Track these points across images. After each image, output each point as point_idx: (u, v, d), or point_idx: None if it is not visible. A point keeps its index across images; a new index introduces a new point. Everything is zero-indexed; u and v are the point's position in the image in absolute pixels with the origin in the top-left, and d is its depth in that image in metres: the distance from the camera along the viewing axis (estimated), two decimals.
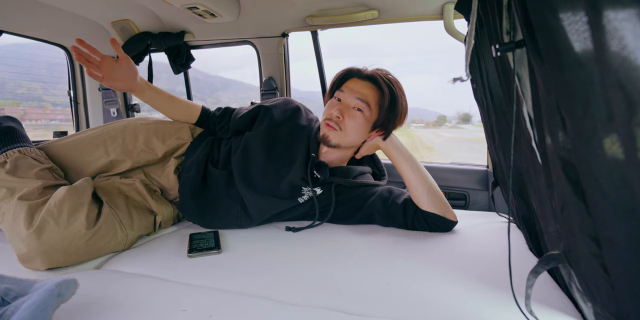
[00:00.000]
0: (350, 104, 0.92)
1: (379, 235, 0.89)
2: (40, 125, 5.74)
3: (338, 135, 0.92)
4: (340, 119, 0.91)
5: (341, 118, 0.91)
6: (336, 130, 0.91)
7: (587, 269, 0.42)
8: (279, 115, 1.02)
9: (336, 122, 0.91)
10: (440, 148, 12.40)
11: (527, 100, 0.50)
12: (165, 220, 0.94)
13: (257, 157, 0.95)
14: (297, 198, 0.95)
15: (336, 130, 0.91)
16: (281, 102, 1.06)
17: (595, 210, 0.37)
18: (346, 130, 0.91)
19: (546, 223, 0.57)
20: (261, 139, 0.96)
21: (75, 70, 1.84)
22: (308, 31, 1.51)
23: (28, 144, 0.89)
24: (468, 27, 0.64)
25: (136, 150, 0.96)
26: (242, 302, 0.57)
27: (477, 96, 0.88)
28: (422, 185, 0.90)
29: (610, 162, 0.32)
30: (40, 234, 0.71)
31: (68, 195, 0.76)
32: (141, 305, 0.56)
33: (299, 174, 0.92)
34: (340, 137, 0.92)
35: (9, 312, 0.44)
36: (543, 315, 0.52)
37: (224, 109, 1.09)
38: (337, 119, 0.91)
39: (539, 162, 0.51)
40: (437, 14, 1.27)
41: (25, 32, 1.51)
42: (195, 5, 1.28)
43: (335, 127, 0.91)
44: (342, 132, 0.91)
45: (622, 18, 0.27)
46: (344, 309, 0.55)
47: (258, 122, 1.01)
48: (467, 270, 0.69)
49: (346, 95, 0.93)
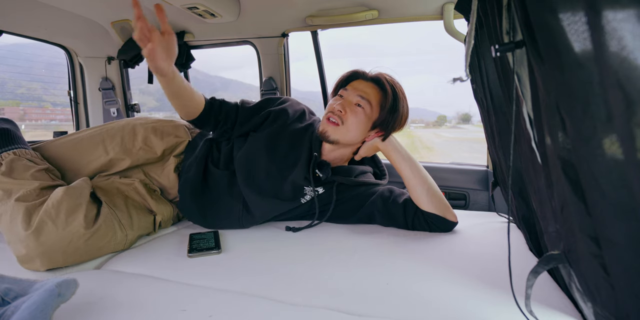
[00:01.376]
0: (352, 100, 0.93)
1: (379, 235, 0.89)
2: (40, 125, 5.74)
3: (338, 131, 0.92)
4: (343, 112, 0.92)
5: (343, 112, 0.92)
6: (337, 124, 0.92)
7: (587, 269, 0.42)
8: (290, 116, 1.02)
9: (338, 115, 0.92)
10: (440, 148, 12.40)
11: (526, 101, 0.51)
12: (165, 220, 0.94)
13: (260, 158, 0.95)
14: (299, 199, 0.95)
15: (337, 125, 0.92)
16: (290, 104, 1.05)
17: (595, 210, 0.37)
18: (347, 125, 0.92)
19: (546, 223, 0.57)
20: (265, 140, 0.96)
21: (75, 70, 1.84)
22: (308, 31, 1.51)
23: (23, 146, 0.88)
24: (468, 27, 0.64)
25: (135, 149, 0.96)
26: (242, 302, 0.57)
27: (477, 96, 0.88)
28: (422, 186, 0.90)
29: (610, 162, 0.32)
30: (39, 235, 0.70)
31: (66, 196, 0.76)
32: (141, 305, 0.56)
33: (302, 173, 0.92)
34: (341, 132, 0.92)
35: (9, 312, 0.44)
36: (543, 315, 0.52)
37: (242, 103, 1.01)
38: (339, 113, 0.92)
39: (539, 162, 0.51)
40: (437, 14, 1.27)
41: (25, 32, 1.51)
42: (195, 5, 1.28)
43: (337, 120, 0.92)
44: (343, 126, 0.92)
45: (622, 18, 0.27)
46: (344, 309, 0.55)
47: (267, 124, 1.00)
48: (467, 270, 0.69)
49: (349, 92, 0.95)
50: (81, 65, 1.82)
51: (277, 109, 1.02)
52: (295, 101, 1.10)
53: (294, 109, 1.04)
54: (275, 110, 1.02)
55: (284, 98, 1.09)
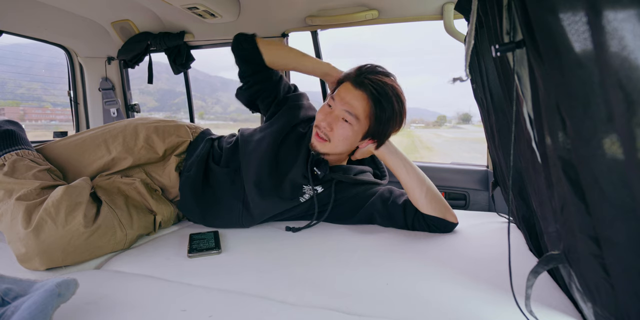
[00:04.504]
0: (339, 115, 0.89)
1: (379, 235, 0.89)
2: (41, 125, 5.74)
3: (326, 146, 0.92)
4: (329, 129, 0.90)
5: (329, 129, 0.90)
6: (325, 141, 0.91)
7: (587, 269, 0.42)
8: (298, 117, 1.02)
9: (325, 133, 0.91)
10: (440, 148, 12.40)
11: (527, 101, 0.50)
12: (165, 220, 0.94)
13: (265, 157, 0.95)
14: (298, 198, 0.95)
15: (325, 141, 0.91)
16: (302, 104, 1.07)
17: (595, 210, 0.37)
18: (334, 142, 0.91)
19: (546, 223, 0.57)
20: (271, 138, 0.97)
21: (75, 70, 1.84)
22: (308, 31, 1.51)
23: (27, 147, 0.89)
24: (468, 27, 0.64)
25: (137, 148, 0.96)
26: (242, 302, 0.57)
27: (477, 96, 0.88)
28: (419, 188, 0.90)
29: (610, 162, 0.32)
30: (39, 233, 0.71)
31: (65, 195, 0.76)
32: (141, 305, 0.56)
33: (300, 171, 0.93)
34: (329, 147, 0.92)
35: (9, 312, 0.44)
36: (543, 315, 0.52)
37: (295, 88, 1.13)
38: (325, 130, 0.90)
39: (539, 162, 0.51)
40: (437, 14, 1.27)
41: (26, 32, 1.51)
42: (195, 6, 1.28)
43: (325, 138, 0.91)
44: (330, 143, 0.91)
45: (622, 18, 0.27)
46: (344, 309, 0.55)
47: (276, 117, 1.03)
48: (467, 270, 0.69)
49: (337, 104, 0.90)
50: (81, 65, 1.82)
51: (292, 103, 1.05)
52: (310, 106, 1.10)
53: (305, 114, 1.05)
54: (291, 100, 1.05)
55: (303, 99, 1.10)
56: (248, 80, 1.05)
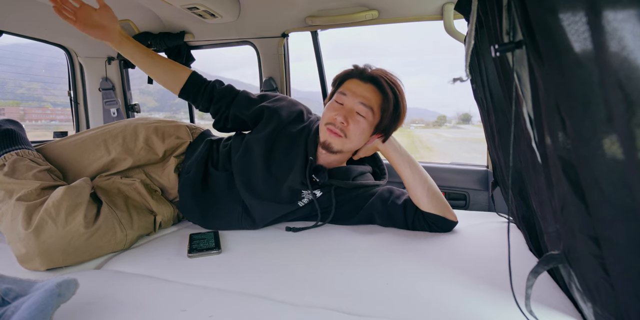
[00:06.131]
0: (353, 108, 0.89)
1: (379, 235, 0.89)
2: (41, 125, 5.74)
3: (341, 142, 0.90)
4: (345, 124, 0.88)
5: (346, 124, 0.88)
6: (340, 136, 0.89)
7: (587, 269, 0.42)
8: (284, 118, 0.98)
9: (341, 128, 0.88)
10: (440, 148, 12.41)
11: (527, 101, 0.50)
12: (165, 220, 0.94)
13: (257, 162, 0.94)
14: (297, 202, 0.95)
15: (340, 137, 0.89)
16: (286, 104, 1.02)
17: (595, 210, 0.37)
18: (350, 137, 0.89)
19: (546, 223, 0.57)
20: (262, 144, 0.94)
21: (75, 70, 1.84)
22: (308, 31, 1.51)
23: (27, 147, 0.89)
24: (468, 27, 0.64)
25: (137, 148, 0.96)
26: (242, 302, 0.57)
27: (477, 96, 0.88)
28: (422, 186, 0.90)
29: (610, 162, 0.32)
30: (39, 233, 0.71)
31: (66, 195, 0.76)
32: (141, 305, 0.56)
33: (298, 178, 0.91)
34: (344, 143, 0.90)
35: (9, 312, 0.44)
36: (543, 315, 0.52)
37: (229, 88, 1.03)
38: (341, 125, 0.88)
39: (539, 162, 0.51)
40: (437, 14, 1.27)
41: (26, 32, 1.51)
42: (195, 6, 1.28)
43: (340, 133, 0.88)
44: (346, 138, 0.89)
45: (622, 18, 0.27)
46: (344, 309, 0.55)
47: (261, 125, 0.98)
48: (467, 270, 0.69)
49: (349, 99, 0.89)
50: (81, 65, 1.82)
51: (271, 108, 0.99)
52: (292, 101, 1.05)
53: (289, 110, 1.00)
54: (269, 108, 0.98)
55: (280, 96, 1.05)
56: (220, 108, 1.01)
